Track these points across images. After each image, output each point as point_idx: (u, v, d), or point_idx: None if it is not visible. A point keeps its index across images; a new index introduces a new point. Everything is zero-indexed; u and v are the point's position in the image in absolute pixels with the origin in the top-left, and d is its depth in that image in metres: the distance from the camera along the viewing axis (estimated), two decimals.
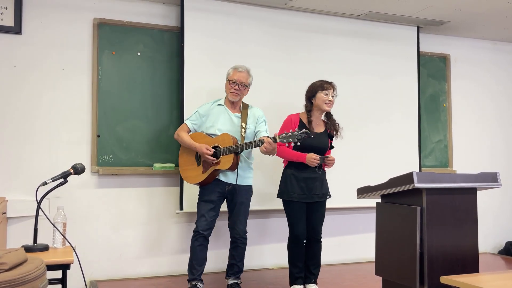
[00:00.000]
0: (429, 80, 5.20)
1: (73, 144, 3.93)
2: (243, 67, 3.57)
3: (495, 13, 4.60)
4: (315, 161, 3.43)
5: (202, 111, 3.60)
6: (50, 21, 3.93)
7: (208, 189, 3.50)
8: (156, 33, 4.19)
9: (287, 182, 3.53)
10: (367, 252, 4.62)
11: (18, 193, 3.77)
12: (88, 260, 3.81)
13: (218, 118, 3.54)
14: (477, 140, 5.42)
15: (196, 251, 3.43)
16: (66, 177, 2.65)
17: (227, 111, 3.57)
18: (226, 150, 3.40)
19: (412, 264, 2.68)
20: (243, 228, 3.55)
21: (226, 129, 3.50)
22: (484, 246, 5.24)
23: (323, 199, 3.56)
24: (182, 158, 3.65)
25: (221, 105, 3.60)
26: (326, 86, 3.54)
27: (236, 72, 3.54)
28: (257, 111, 3.64)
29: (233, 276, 3.57)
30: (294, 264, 3.58)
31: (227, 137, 3.44)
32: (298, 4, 4.33)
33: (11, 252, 1.86)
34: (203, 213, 3.46)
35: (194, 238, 3.46)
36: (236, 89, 3.51)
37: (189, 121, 3.62)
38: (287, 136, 3.21)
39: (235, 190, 3.50)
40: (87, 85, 4.00)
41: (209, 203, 3.47)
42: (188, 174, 3.59)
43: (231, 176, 3.49)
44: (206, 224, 3.44)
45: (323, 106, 3.53)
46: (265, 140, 3.25)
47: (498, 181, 2.89)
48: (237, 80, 3.51)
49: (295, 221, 3.52)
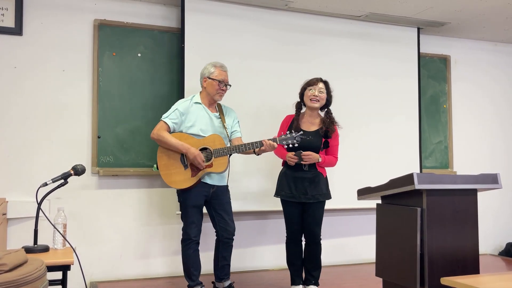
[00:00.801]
0: (429, 82, 5.20)
1: (73, 145, 3.93)
2: (224, 66, 3.49)
3: (495, 14, 4.60)
4: (291, 159, 3.42)
5: (182, 109, 3.37)
6: (51, 22, 3.93)
7: (194, 193, 3.34)
8: (157, 34, 4.19)
9: (280, 180, 3.58)
10: (368, 254, 4.61)
11: (19, 194, 3.77)
12: (88, 261, 3.82)
13: (198, 117, 3.38)
14: (478, 141, 5.41)
15: (191, 258, 3.37)
16: (66, 178, 2.65)
17: (206, 110, 3.43)
18: (219, 152, 3.31)
19: (413, 265, 2.68)
20: (235, 227, 3.48)
21: (209, 129, 3.39)
22: (485, 247, 5.24)
23: (311, 201, 3.48)
24: (163, 160, 3.35)
25: (199, 103, 3.43)
26: (312, 82, 3.54)
27: (222, 72, 3.44)
28: (232, 111, 3.58)
29: (226, 277, 3.49)
30: (291, 263, 3.60)
31: (218, 138, 3.36)
32: (299, 5, 4.33)
33: (11, 253, 1.86)
34: (193, 220, 3.36)
35: (187, 246, 3.37)
36: (223, 90, 3.43)
37: (169, 120, 3.33)
38: (286, 138, 3.29)
39: (219, 191, 3.43)
40: (87, 86, 4.00)
41: (197, 208, 3.38)
42: (174, 179, 3.33)
43: (216, 178, 3.40)
44: (197, 231, 3.38)
45: (308, 102, 3.54)
46: (266, 142, 3.26)
47: (498, 182, 2.89)
48: (225, 80, 3.43)
49: (288, 219, 3.57)
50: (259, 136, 3.47)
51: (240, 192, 4.11)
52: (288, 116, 3.66)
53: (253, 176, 4.21)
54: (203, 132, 3.37)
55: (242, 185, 4.14)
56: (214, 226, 3.49)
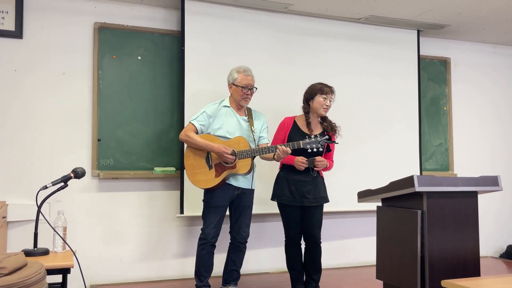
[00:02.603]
0: (429, 84, 5.20)
1: (73, 148, 3.94)
2: (248, 69, 3.49)
3: (495, 17, 4.60)
4: (302, 164, 3.38)
5: (209, 111, 3.42)
6: (51, 25, 3.93)
7: (217, 194, 3.36)
8: (157, 37, 4.20)
9: (278, 184, 3.52)
10: (368, 256, 4.60)
11: (19, 197, 3.76)
12: (88, 264, 3.81)
13: (226, 120, 3.42)
14: (478, 143, 5.41)
15: (204, 259, 3.36)
16: (66, 181, 2.65)
17: (235, 114, 3.46)
18: (243, 154, 3.30)
19: (413, 268, 2.67)
20: (248, 232, 3.48)
21: (236, 132, 3.41)
22: (485, 250, 5.23)
23: (314, 204, 3.46)
24: (189, 160, 3.40)
25: (228, 106, 3.48)
26: (326, 90, 3.48)
27: (245, 77, 3.44)
28: (261, 116, 3.59)
29: (232, 283, 3.48)
30: (292, 267, 3.58)
31: (242, 140, 3.37)
32: (299, 8, 4.33)
33: (11, 256, 1.86)
34: (213, 221, 3.35)
35: (202, 246, 3.36)
36: (248, 94, 3.44)
37: (197, 122, 3.40)
38: (310, 142, 3.22)
39: (244, 194, 3.43)
40: (87, 89, 4.00)
41: (219, 209, 3.38)
42: (198, 178, 3.36)
43: (241, 180, 3.40)
44: (215, 232, 3.37)
45: (320, 110, 3.48)
46: (279, 149, 3.22)
47: (499, 185, 2.89)
48: (249, 85, 3.43)
49: (287, 223, 3.52)
50: None
51: None
52: (287, 118, 3.61)
53: None
54: (229, 134, 3.39)
55: None
56: (230, 227, 3.50)
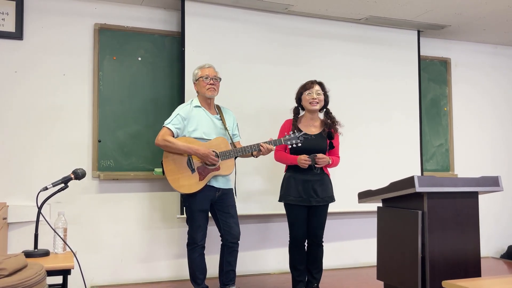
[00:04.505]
0: (430, 84, 5.20)
1: (74, 149, 3.93)
2: (207, 63, 3.49)
3: (495, 17, 4.60)
4: (305, 162, 3.41)
5: (183, 113, 3.35)
6: (51, 26, 3.94)
7: (200, 197, 3.32)
8: (157, 38, 4.20)
9: (285, 185, 3.53)
10: (368, 257, 4.60)
11: (19, 198, 3.76)
12: (89, 266, 3.80)
13: (200, 120, 3.37)
14: (478, 144, 5.41)
15: (197, 262, 3.37)
16: (66, 182, 2.65)
17: (207, 113, 3.42)
18: (225, 154, 3.32)
19: (414, 268, 2.67)
20: (239, 230, 3.45)
21: (212, 132, 3.39)
22: (486, 250, 5.22)
23: (321, 204, 3.48)
24: (169, 165, 3.30)
25: (199, 106, 3.42)
26: (308, 86, 3.54)
27: (205, 69, 3.44)
28: (230, 112, 3.58)
29: (231, 283, 3.47)
30: (294, 267, 3.57)
31: (223, 141, 3.38)
32: (299, 8, 4.34)
33: (11, 258, 1.86)
34: (200, 224, 3.35)
35: (192, 250, 3.37)
36: (211, 84, 3.39)
37: (172, 125, 3.31)
38: (290, 138, 3.35)
39: (225, 195, 3.42)
40: (87, 90, 4.01)
41: (203, 212, 3.37)
42: (182, 183, 3.28)
43: (221, 181, 3.40)
44: (202, 235, 3.37)
45: (308, 106, 3.53)
46: (263, 147, 3.32)
47: (499, 185, 2.89)
48: (209, 74, 3.41)
49: (294, 224, 3.52)
50: (259, 139, 3.48)
51: (241, 195, 4.09)
52: (287, 121, 3.64)
53: (255, 179, 4.20)
54: (206, 135, 3.37)
55: (243, 189, 4.13)
56: (219, 229, 3.47)
